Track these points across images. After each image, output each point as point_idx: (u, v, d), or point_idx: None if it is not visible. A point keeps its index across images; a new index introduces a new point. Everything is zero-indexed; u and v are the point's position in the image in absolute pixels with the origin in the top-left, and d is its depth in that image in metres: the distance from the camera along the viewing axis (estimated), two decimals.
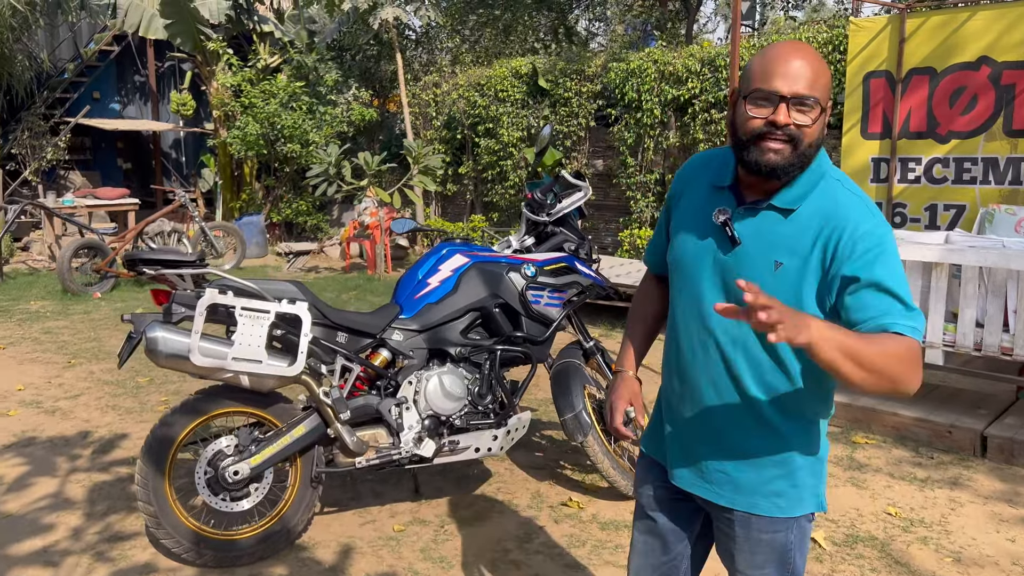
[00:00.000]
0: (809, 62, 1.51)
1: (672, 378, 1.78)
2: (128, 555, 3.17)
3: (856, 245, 1.50)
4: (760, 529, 1.68)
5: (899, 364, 1.41)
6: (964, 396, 4.71)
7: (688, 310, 1.71)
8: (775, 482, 1.66)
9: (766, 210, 1.60)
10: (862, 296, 1.48)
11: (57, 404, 5.00)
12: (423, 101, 11.73)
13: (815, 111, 1.51)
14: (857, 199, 1.57)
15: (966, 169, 5.80)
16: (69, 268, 8.58)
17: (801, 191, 1.58)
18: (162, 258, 3.06)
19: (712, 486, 1.71)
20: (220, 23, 11.95)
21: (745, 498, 1.68)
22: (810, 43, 7.51)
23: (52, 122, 13.23)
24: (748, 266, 1.59)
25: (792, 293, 1.55)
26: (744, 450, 1.67)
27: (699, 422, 1.72)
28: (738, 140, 1.57)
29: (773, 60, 1.51)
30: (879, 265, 1.49)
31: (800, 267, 1.54)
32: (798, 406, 1.64)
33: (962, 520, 3.48)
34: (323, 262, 11.45)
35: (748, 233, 1.60)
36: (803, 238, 1.55)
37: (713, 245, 1.65)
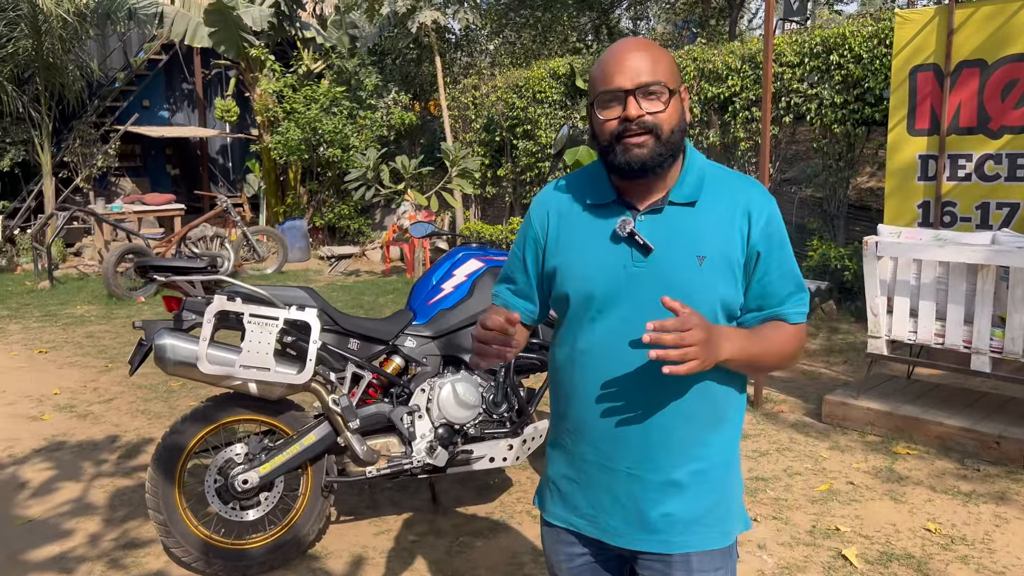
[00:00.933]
0: (644, 52, 1.50)
1: (594, 415, 1.56)
2: (142, 563, 3.17)
3: (764, 226, 1.53)
4: (702, 569, 1.54)
5: (787, 355, 1.56)
6: (1013, 405, 4.45)
7: (611, 333, 1.53)
8: (717, 508, 1.56)
9: (668, 209, 1.54)
10: (768, 281, 1.54)
11: (90, 408, 5.07)
12: (462, 104, 11.71)
13: (664, 95, 1.48)
14: (745, 177, 1.60)
15: (1020, 165, 5.52)
16: (114, 273, 8.76)
17: (694, 182, 1.55)
18: (173, 265, 3.05)
19: (658, 535, 1.54)
20: (263, 30, 12.12)
21: (697, 535, 1.54)
22: (855, 36, 7.26)
23: (103, 130, 13.57)
24: (668, 269, 1.50)
25: (722, 285, 1.52)
26: (688, 481, 1.53)
27: (636, 457, 1.53)
28: (602, 148, 1.53)
29: (609, 61, 1.51)
30: (782, 249, 1.55)
31: (723, 256, 1.51)
32: (725, 412, 1.58)
33: (1007, 537, 3.27)
34: (364, 265, 11.51)
35: (658, 236, 1.52)
36: (717, 224, 1.52)
37: (623, 258, 1.53)
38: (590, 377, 1.56)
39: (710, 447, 1.55)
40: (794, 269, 1.57)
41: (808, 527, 3.38)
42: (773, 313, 1.55)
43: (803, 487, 3.78)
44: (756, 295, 1.55)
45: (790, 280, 1.55)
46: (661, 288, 1.48)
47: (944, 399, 4.57)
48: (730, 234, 1.52)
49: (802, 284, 1.58)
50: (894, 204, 6.12)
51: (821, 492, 3.72)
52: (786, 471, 3.97)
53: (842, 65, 7.37)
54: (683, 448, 1.53)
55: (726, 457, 1.58)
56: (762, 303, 1.55)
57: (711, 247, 1.50)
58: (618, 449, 1.54)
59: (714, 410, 1.55)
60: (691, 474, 1.54)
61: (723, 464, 1.57)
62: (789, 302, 1.55)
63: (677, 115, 1.51)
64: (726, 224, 1.52)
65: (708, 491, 1.55)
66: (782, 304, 1.55)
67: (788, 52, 7.74)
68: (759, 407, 4.92)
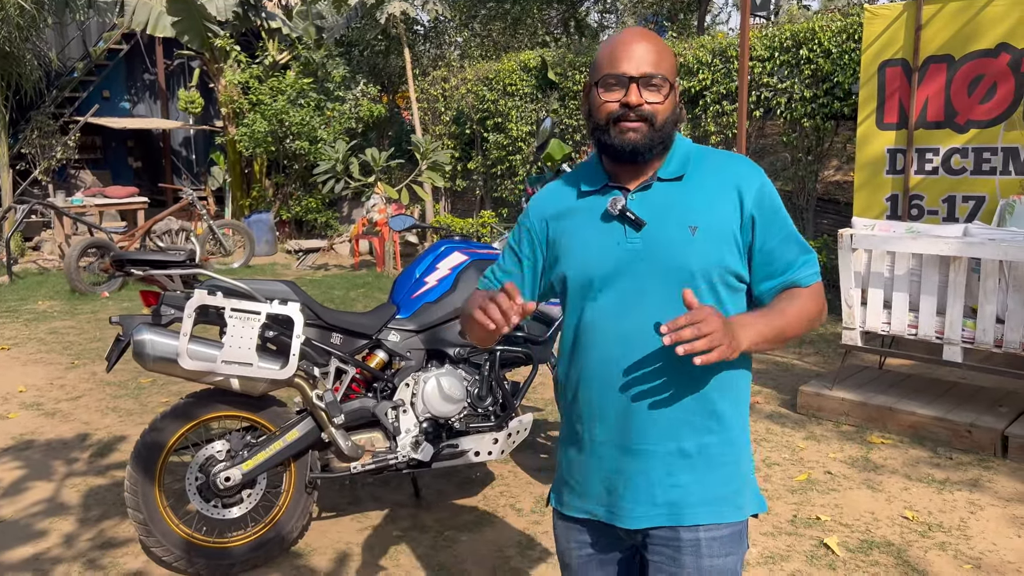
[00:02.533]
0: (652, 45, 1.57)
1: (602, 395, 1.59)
2: (119, 563, 3.10)
3: (756, 194, 1.58)
4: (711, 554, 1.56)
5: (813, 318, 1.58)
6: (984, 394, 4.56)
7: (613, 312, 1.57)
8: (731, 481, 1.59)
9: (657, 185, 1.60)
10: (770, 248, 1.58)
11: (58, 406, 4.94)
12: (431, 96, 11.63)
13: (665, 88, 1.55)
14: (734, 155, 1.66)
15: (985, 159, 5.64)
16: (77, 267, 8.56)
17: (680, 159, 1.62)
18: (150, 258, 2.98)
19: (672, 508, 1.56)
20: (227, 20, 11.89)
21: (711, 507, 1.56)
22: (824, 31, 7.35)
23: (62, 121, 13.23)
24: (662, 242, 1.56)
25: (716, 253, 1.55)
26: (698, 453, 1.56)
27: (645, 432, 1.56)
28: (596, 126, 1.59)
29: (618, 46, 1.56)
30: (778, 215, 1.59)
31: (717, 225, 1.56)
32: (733, 385, 1.61)
33: (982, 524, 3.34)
34: (333, 259, 11.39)
35: (650, 211, 1.58)
36: (709, 196, 1.58)
37: (617, 236, 1.59)
38: (594, 356, 1.60)
39: (719, 419, 1.58)
40: (794, 233, 1.61)
41: (789, 517, 3.42)
42: (785, 280, 1.59)
43: (782, 477, 3.83)
44: (762, 263, 1.59)
45: (792, 243, 1.59)
46: (657, 260, 1.55)
47: (916, 389, 4.66)
48: (722, 205, 1.57)
49: (806, 246, 1.61)
50: (863, 197, 6.22)
51: (800, 482, 3.76)
52: (764, 461, 4.01)
53: (811, 60, 7.46)
54: (691, 419, 1.56)
55: (736, 430, 1.61)
56: (771, 271, 1.59)
57: (702, 217, 1.56)
58: (626, 424, 1.57)
59: (720, 381, 1.58)
60: (700, 446, 1.57)
61: (733, 437, 1.60)
62: (797, 265, 1.59)
63: (672, 108, 1.58)
64: (717, 196, 1.58)
65: (719, 463, 1.58)
66: (791, 268, 1.58)
67: (758, 46, 7.81)
68: None
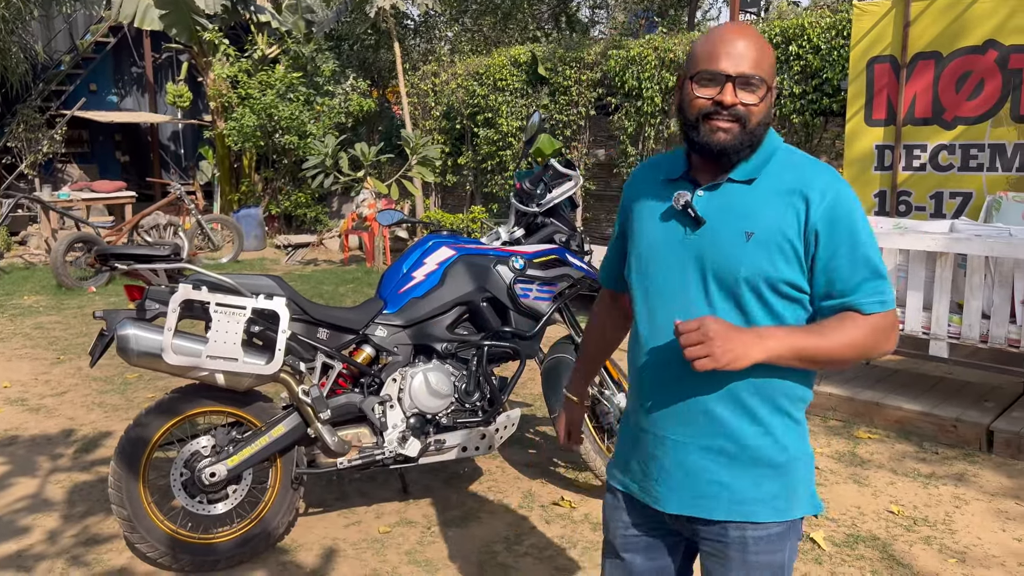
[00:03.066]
0: (753, 43, 1.51)
1: (648, 385, 1.64)
2: (104, 559, 3.08)
3: (828, 209, 1.50)
4: (757, 551, 1.58)
5: (861, 348, 1.50)
6: (970, 389, 4.58)
7: (662, 305, 1.61)
8: (770, 483, 1.57)
9: (726, 185, 1.57)
10: (835, 266, 1.50)
11: (42, 401, 4.91)
12: (421, 91, 11.59)
13: (761, 90, 1.51)
14: (817, 162, 1.57)
15: (972, 156, 5.66)
16: (63, 262, 8.49)
17: (758, 162, 1.57)
18: (135, 252, 2.95)
19: (707, 501, 1.58)
20: (216, 13, 11.82)
21: (743, 507, 1.57)
22: (813, 27, 7.35)
23: (48, 115, 13.13)
24: (717, 243, 1.54)
25: (768, 262, 1.51)
26: (737, 452, 1.57)
27: (688, 431, 1.59)
28: (687, 121, 1.56)
29: (718, 41, 1.51)
30: (853, 234, 1.50)
31: (774, 234, 1.51)
32: (784, 394, 1.57)
33: (967, 518, 3.36)
34: (322, 255, 11.35)
35: (712, 211, 1.56)
36: (771, 204, 1.53)
37: (678, 232, 1.59)
38: (647, 349, 1.64)
39: (761, 422, 1.57)
40: (868, 255, 1.51)
41: None
42: (844, 303, 1.51)
43: None
44: (823, 281, 1.52)
45: (862, 266, 1.50)
46: (708, 261, 1.54)
47: (903, 384, 4.68)
48: (784, 213, 1.51)
49: (880, 272, 1.51)
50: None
51: None
52: None
53: (801, 56, 7.47)
54: (732, 421, 1.56)
55: (785, 438, 1.58)
56: (830, 290, 1.52)
57: (761, 224, 1.52)
58: (669, 418, 1.60)
59: (760, 385, 1.55)
60: (741, 447, 1.57)
61: (780, 443, 1.58)
62: (861, 290, 1.50)
63: (766, 110, 1.54)
64: (781, 203, 1.52)
65: (761, 464, 1.57)
66: (853, 292, 1.50)
67: None
68: None
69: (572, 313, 3.66)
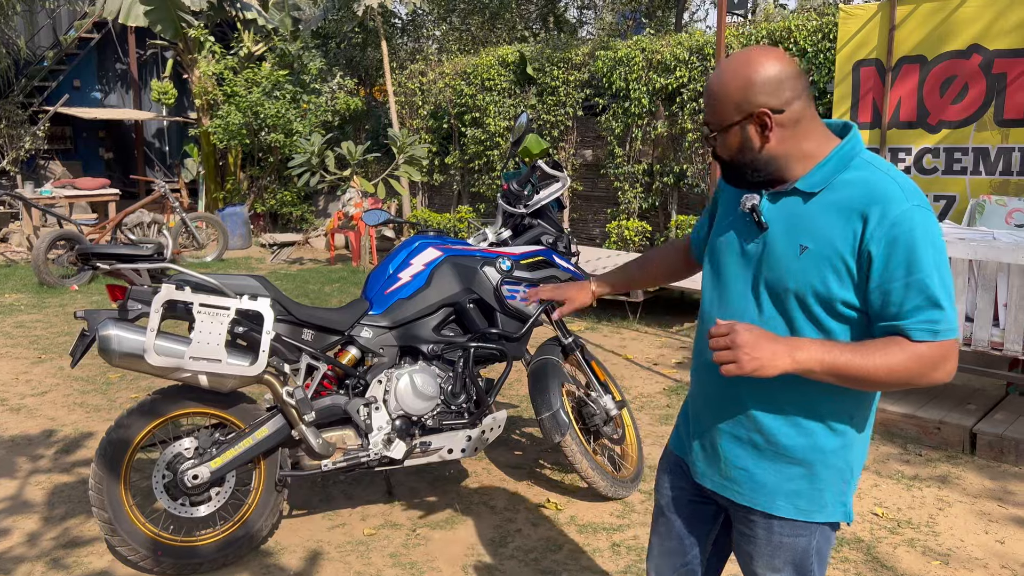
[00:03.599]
0: (714, 87, 1.59)
1: (699, 372, 1.77)
2: (84, 562, 3.04)
3: (888, 229, 1.47)
4: (782, 532, 1.66)
5: (906, 375, 1.47)
6: (953, 392, 4.61)
7: (715, 300, 1.72)
8: (795, 481, 1.63)
9: (790, 194, 1.60)
10: (889, 289, 1.48)
11: (23, 401, 4.85)
12: (409, 90, 11.55)
13: (715, 132, 1.61)
14: (889, 179, 1.52)
15: (956, 159, 5.70)
16: (45, 260, 8.40)
17: (827, 173, 1.57)
18: (117, 252, 2.91)
19: (733, 484, 1.70)
20: (202, 10, 11.74)
21: (765, 498, 1.66)
22: (800, 30, 7.38)
23: (31, 111, 12.99)
24: (774, 252, 1.59)
25: (818, 277, 1.53)
26: (766, 447, 1.65)
27: (722, 417, 1.70)
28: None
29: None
30: (912, 257, 1.46)
31: (827, 249, 1.52)
32: (825, 404, 1.60)
33: (950, 520, 3.38)
34: (308, 253, 11.29)
35: (775, 218, 1.61)
36: (831, 218, 1.53)
37: (742, 232, 1.67)
38: (701, 333, 1.76)
39: (800, 427, 1.61)
40: (925, 281, 1.45)
41: None
42: (894, 326, 1.49)
43: None
44: (876, 301, 1.50)
45: (916, 291, 1.46)
46: (763, 267, 1.61)
47: None
48: (842, 229, 1.51)
49: (937, 301, 1.46)
50: None
51: None
52: None
53: None
54: (768, 418, 1.63)
55: (821, 443, 1.61)
56: (883, 312, 1.50)
57: (816, 238, 1.53)
58: (715, 401, 1.71)
59: (806, 399, 1.60)
60: (771, 443, 1.64)
61: (815, 447, 1.61)
62: (913, 316, 1.47)
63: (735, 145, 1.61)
64: (841, 219, 1.51)
65: (786, 462, 1.63)
66: (904, 317, 1.47)
67: (735, 44, 7.83)
68: None
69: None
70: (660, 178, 8.58)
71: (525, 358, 3.60)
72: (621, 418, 3.71)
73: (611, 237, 8.76)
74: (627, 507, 3.50)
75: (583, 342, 3.68)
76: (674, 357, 5.98)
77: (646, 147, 8.75)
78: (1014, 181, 5.42)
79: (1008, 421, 4.12)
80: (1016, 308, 3.93)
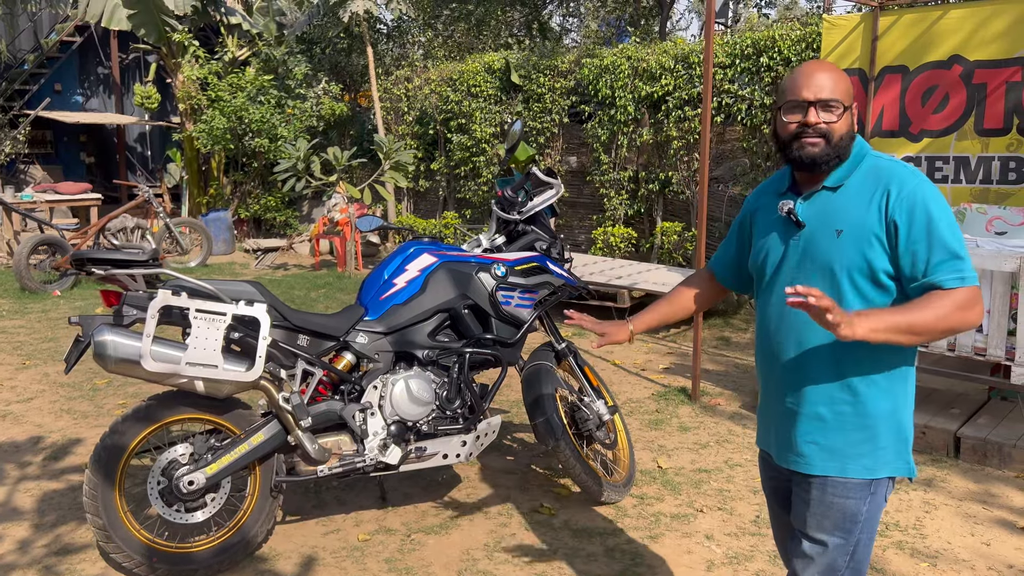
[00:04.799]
0: (828, 73, 1.86)
1: (764, 360, 2.01)
2: (77, 569, 3.02)
3: (905, 199, 1.77)
4: (835, 493, 1.87)
5: (951, 320, 1.72)
6: (937, 396, 4.68)
7: (775, 294, 1.95)
8: (861, 445, 1.85)
9: (820, 192, 1.90)
10: (915, 250, 1.76)
11: (9, 408, 4.80)
12: (394, 96, 11.56)
13: (839, 108, 1.84)
14: (898, 163, 1.85)
15: (938, 168, 5.79)
16: (27, 265, 8.32)
17: (847, 170, 1.89)
18: (112, 257, 2.91)
19: (804, 458, 1.91)
20: (185, 14, 11.68)
21: (836, 463, 1.87)
22: (784, 40, 7.48)
23: (11, 115, 12.86)
24: (815, 241, 1.87)
25: (857, 253, 1.81)
26: (831, 418, 1.87)
27: (787, 399, 1.93)
28: (781, 143, 1.91)
29: (799, 75, 1.87)
30: (930, 220, 1.75)
31: (859, 229, 1.81)
32: (873, 364, 1.84)
33: (937, 523, 3.44)
34: (292, 259, 11.25)
35: (810, 216, 1.90)
36: (857, 203, 1.83)
37: (785, 233, 1.95)
38: (765, 332, 2.01)
39: (854, 393, 1.86)
40: (945, 239, 1.75)
41: (752, 517, 3.48)
42: (927, 282, 1.76)
43: (744, 478, 3.89)
44: (907, 264, 1.78)
45: (941, 249, 1.75)
46: (809, 258, 1.88)
47: None
48: (868, 208, 1.81)
49: (957, 253, 1.75)
50: None
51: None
52: (727, 463, 4.07)
53: (771, 67, 7.59)
54: (829, 391, 1.87)
55: (873, 404, 1.85)
56: (914, 271, 1.78)
57: (848, 221, 1.83)
58: (780, 388, 1.97)
59: (857, 364, 1.84)
60: (835, 413, 1.87)
61: (872, 411, 1.85)
62: (941, 269, 1.74)
63: (847, 126, 1.86)
64: (865, 200, 1.83)
65: (851, 428, 1.86)
66: (934, 271, 1.75)
67: (720, 53, 7.92)
68: (696, 400, 5.03)
69: (552, 320, 3.68)
70: (645, 185, 8.65)
71: (519, 364, 3.62)
72: (613, 423, 3.75)
73: (597, 243, 8.81)
74: (620, 511, 3.53)
75: (576, 348, 3.71)
76: (661, 363, 6.02)
77: (631, 154, 8.82)
78: (994, 189, 5.52)
79: (991, 425, 4.19)
80: (998, 314, 4.01)
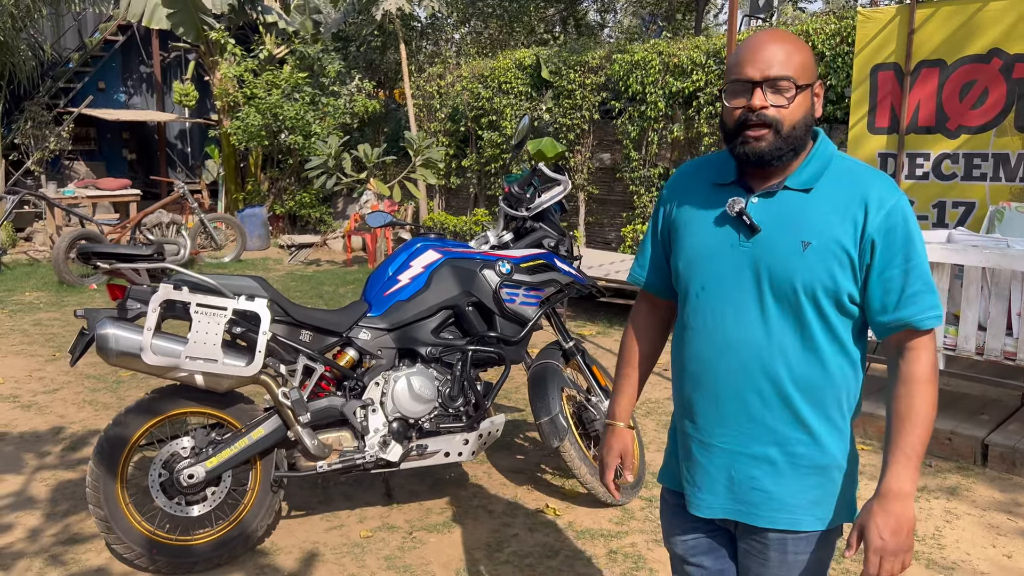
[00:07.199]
0: (780, 44, 1.50)
1: (695, 391, 1.64)
2: (82, 559, 3.06)
3: (885, 218, 1.49)
4: (796, 551, 1.59)
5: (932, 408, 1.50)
6: (966, 401, 4.52)
7: (712, 311, 1.60)
8: (813, 491, 1.58)
9: (782, 193, 1.56)
10: (890, 276, 1.50)
11: (35, 399, 4.91)
12: (427, 93, 11.58)
13: (791, 90, 1.49)
14: (873, 170, 1.56)
15: (976, 165, 5.59)
16: (65, 259, 8.51)
17: (815, 170, 1.56)
18: (117, 252, 2.94)
19: (749, 507, 1.60)
20: (223, 13, 11.85)
21: (786, 515, 1.58)
22: (818, 34, 7.30)
23: (56, 112, 13.17)
24: (772, 251, 1.53)
25: (824, 271, 1.50)
26: (784, 460, 1.58)
27: (732, 433, 1.60)
28: (726, 133, 1.57)
29: (744, 50, 1.52)
30: (909, 245, 1.50)
31: (829, 244, 1.50)
32: (833, 400, 1.57)
33: (957, 533, 3.31)
34: (325, 255, 11.35)
35: (767, 219, 1.55)
36: (829, 213, 1.52)
37: (730, 237, 1.58)
38: (692, 353, 1.63)
39: (810, 432, 1.56)
40: (920, 267, 1.50)
41: None
42: (900, 320, 1.51)
43: None
44: (879, 292, 1.52)
45: (916, 279, 1.50)
46: (763, 270, 1.53)
47: None
48: (842, 222, 1.51)
49: (932, 286, 1.52)
50: None
51: None
52: None
53: None
54: (778, 428, 1.57)
55: (831, 446, 1.58)
56: (885, 301, 1.51)
57: (818, 233, 1.51)
58: (715, 425, 1.61)
59: (811, 394, 1.55)
60: (787, 455, 1.57)
61: (827, 452, 1.57)
62: (916, 302, 1.50)
63: (802, 111, 1.52)
64: (839, 212, 1.51)
65: (804, 474, 1.57)
66: (908, 304, 1.50)
67: None
68: None
69: (560, 318, 3.63)
70: None
71: (526, 362, 3.58)
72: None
73: (626, 241, 8.71)
74: (627, 513, 3.46)
75: (584, 347, 3.65)
76: None
77: (662, 151, 8.69)
78: None
79: (1021, 432, 4.03)
80: None
